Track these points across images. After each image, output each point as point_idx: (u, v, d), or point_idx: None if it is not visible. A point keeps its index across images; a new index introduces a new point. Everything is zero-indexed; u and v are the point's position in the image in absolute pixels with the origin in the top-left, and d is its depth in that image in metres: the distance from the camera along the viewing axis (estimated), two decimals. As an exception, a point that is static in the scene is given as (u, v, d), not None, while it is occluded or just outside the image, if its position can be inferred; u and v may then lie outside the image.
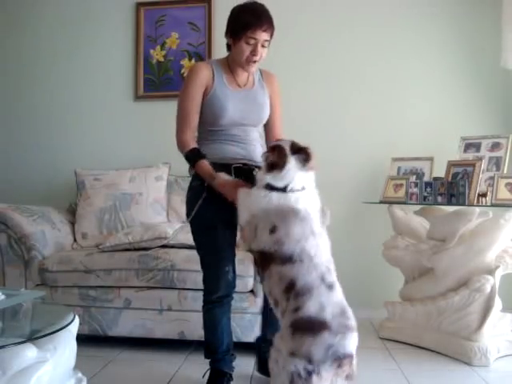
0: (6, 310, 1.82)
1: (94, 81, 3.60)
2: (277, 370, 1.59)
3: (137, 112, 3.55)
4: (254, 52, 1.92)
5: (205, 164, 1.95)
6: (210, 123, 2.02)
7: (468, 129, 3.11)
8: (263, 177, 1.76)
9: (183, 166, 3.33)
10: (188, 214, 2.07)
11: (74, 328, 1.79)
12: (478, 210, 2.53)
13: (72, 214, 3.20)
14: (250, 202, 1.78)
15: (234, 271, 2.06)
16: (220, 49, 3.48)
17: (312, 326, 1.51)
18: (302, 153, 1.74)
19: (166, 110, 3.49)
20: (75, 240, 3.08)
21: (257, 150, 2.07)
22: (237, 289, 2.45)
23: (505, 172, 2.72)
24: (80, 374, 1.82)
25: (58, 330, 1.59)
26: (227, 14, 3.61)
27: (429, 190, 2.75)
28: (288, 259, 1.64)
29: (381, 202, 2.97)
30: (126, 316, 2.58)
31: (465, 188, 2.61)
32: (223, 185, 1.89)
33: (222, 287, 2.02)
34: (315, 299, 1.56)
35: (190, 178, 2.11)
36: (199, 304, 2.50)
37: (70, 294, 2.62)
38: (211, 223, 1.98)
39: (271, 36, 1.94)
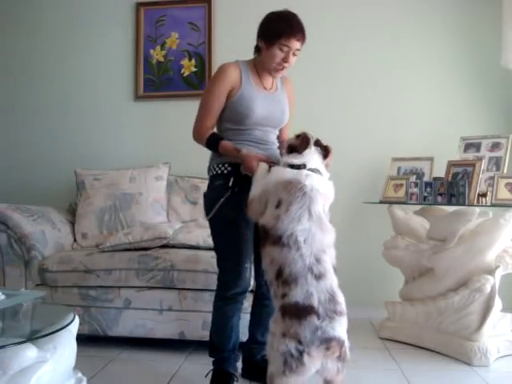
0: (6, 310, 1.82)
1: (94, 81, 3.60)
2: (273, 355, 1.63)
3: (137, 112, 3.56)
4: (285, 59, 1.99)
5: (227, 142, 2.01)
6: (234, 122, 2.05)
7: (468, 129, 3.11)
8: (283, 158, 1.88)
9: (183, 166, 3.39)
10: (208, 212, 2.07)
11: (74, 328, 1.79)
12: (477, 209, 2.53)
13: (72, 214, 3.20)
14: (265, 177, 1.85)
15: (251, 269, 2.11)
16: (220, 49, 3.51)
17: (299, 311, 1.59)
18: (323, 148, 1.90)
19: (166, 110, 3.52)
20: (75, 240, 3.08)
21: (275, 151, 2.12)
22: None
23: (505, 172, 2.72)
24: (80, 374, 1.82)
25: (57, 330, 1.59)
26: (227, 13, 3.63)
27: (429, 189, 2.75)
28: (277, 240, 1.70)
29: (381, 202, 2.98)
30: (126, 316, 2.58)
31: (465, 188, 2.61)
32: (247, 156, 1.92)
33: (240, 284, 2.04)
34: (302, 287, 1.62)
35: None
36: (199, 304, 2.51)
37: (70, 294, 2.62)
38: (233, 220, 2.00)
39: (302, 45, 2.01)
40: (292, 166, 1.81)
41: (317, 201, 1.74)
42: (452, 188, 2.66)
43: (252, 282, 2.19)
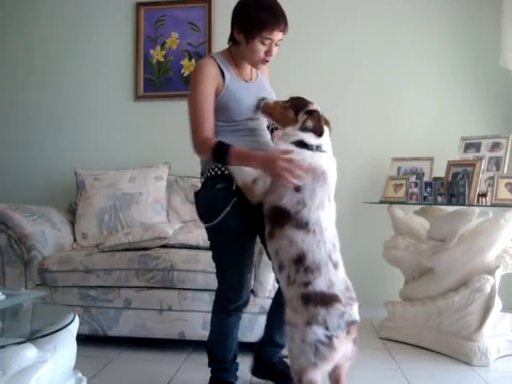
0: (6, 310, 1.82)
1: (94, 81, 3.60)
2: (296, 349, 1.61)
3: (137, 112, 3.55)
4: (268, 52, 1.83)
5: (239, 148, 1.76)
6: (226, 119, 1.89)
7: (468, 129, 3.11)
8: (295, 132, 1.75)
9: (183, 166, 3.38)
10: (209, 218, 1.88)
11: (74, 328, 1.79)
12: (477, 209, 2.53)
13: (72, 213, 3.20)
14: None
15: (251, 279, 2.03)
16: (220, 49, 3.46)
17: (325, 299, 1.59)
18: (328, 125, 1.82)
19: (166, 110, 3.52)
20: (75, 240, 3.08)
21: (267, 137, 1.99)
22: (237, 289, 2.47)
23: (505, 172, 2.72)
24: (80, 374, 1.82)
25: (58, 330, 1.59)
26: (227, 13, 3.60)
27: (429, 190, 2.75)
28: (304, 225, 1.65)
29: (381, 202, 2.97)
30: (126, 316, 2.58)
31: (465, 188, 2.61)
32: (274, 158, 1.67)
33: (242, 296, 1.95)
34: (325, 276, 1.62)
35: (192, 179, 2.04)
36: (199, 304, 2.51)
37: (70, 294, 2.62)
38: (238, 229, 1.86)
39: (285, 35, 1.85)
40: (305, 145, 1.72)
41: (331, 186, 1.73)
42: (452, 188, 2.65)
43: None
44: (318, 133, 1.75)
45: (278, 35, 1.79)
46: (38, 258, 2.68)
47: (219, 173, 1.87)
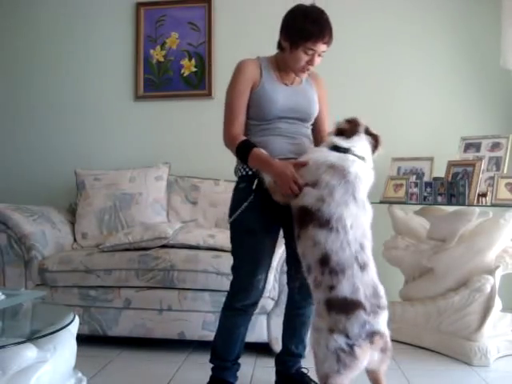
0: (6, 310, 1.82)
1: (94, 81, 3.60)
2: (321, 354, 1.60)
3: (137, 112, 3.55)
4: (310, 62, 1.87)
5: (260, 151, 1.84)
6: (258, 117, 1.93)
7: (468, 129, 3.11)
8: (329, 138, 1.83)
9: (183, 166, 3.38)
10: (230, 215, 1.97)
11: (74, 328, 1.79)
12: (477, 210, 2.53)
13: (72, 214, 3.20)
14: (308, 155, 1.81)
15: (265, 279, 1.98)
16: (220, 49, 3.51)
17: (347, 306, 1.57)
18: (373, 138, 1.87)
19: (166, 110, 3.52)
20: (75, 240, 3.08)
21: (305, 144, 1.98)
22: (237, 289, 2.47)
23: (505, 172, 2.72)
24: (80, 374, 1.82)
25: (58, 330, 1.59)
26: (227, 13, 3.62)
27: (429, 190, 2.74)
28: (325, 223, 1.64)
29: (381, 202, 2.97)
30: (126, 316, 2.58)
31: (465, 188, 2.61)
32: (282, 174, 1.76)
33: (250, 296, 1.93)
34: (349, 280, 1.59)
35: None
36: (199, 304, 2.51)
37: (70, 294, 2.62)
38: (251, 228, 1.88)
39: (329, 47, 1.89)
40: (337, 148, 1.76)
41: (359, 189, 1.72)
42: (452, 188, 2.65)
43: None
44: (347, 133, 1.81)
45: (321, 47, 1.85)
46: (37, 258, 2.68)
47: (244, 173, 1.94)
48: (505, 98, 3.23)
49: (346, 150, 1.77)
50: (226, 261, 2.53)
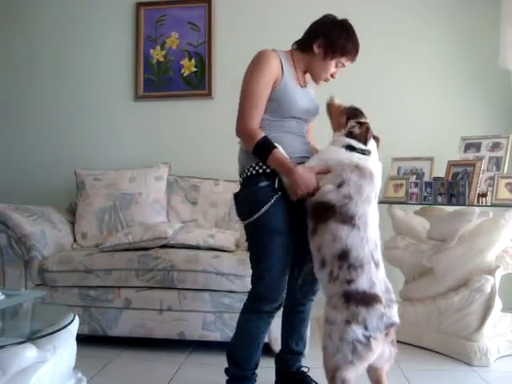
0: (6, 310, 1.82)
1: (94, 81, 3.60)
2: (332, 347, 1.62)
3: (137, 112, 3.56)
4: (334, 73, 1.96)
5: (281, 153, 1.80)
6: (275, 113, 1.87)
7: (468, 129, 3.11)
8: (342, 138, 1.84)
9: (183, 166, 3.38)
10: (248, 215, 1.83)
11: (73, 328, 1.79)
12: (478, 210, 2.53)
13: (72, 213, 3.20)
14: (326, 155, 1.82)
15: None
16: (220, 49, 3.51)
17: (367, 299, 1.61)
18: (376, 139, 1.93)
19: (166, 110, 3.52)
20: (75, 240, 3.08)
21: (305, 141, 1.98)
22: (236, 289, 2.47)
23: (505, 172, 2.72)
24: (80, 374, 1.82)
25: (58, 330, 1.59)
26: (227, 13, 3.61)
27: (429, 190, 2.75)
28: (349, 219, 1.68)
29: (381, 202, 2.97)
30: (126, 316, 2.58)
31: (465, 188, 2.61)
32: (304, 180, 1.76)
33: (279, 297, 1.85)
34: (367, 275, 1.65)
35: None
36: (199, 304, 2.51)
37: (70, 294, 2.62)
38: (278, 228, 1.82)
39: None
40: (354, 149, 1.80)
41: (378, 187, 1.81)
42: (452, 188, 2.66)
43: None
44: (363, 141, 1.83)
45: (348, 62, 1.96)
46: (37, 258, 2.67)
47: (261, 171, 1.84)
48: (505, 97, 3.23)
49: (364, 152, 1.82)
50: (226, 261, 2.53)
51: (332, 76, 1.96)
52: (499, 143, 2.82)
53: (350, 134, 1.84)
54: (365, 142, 1.83)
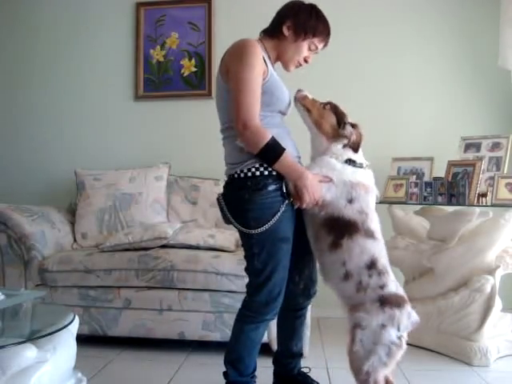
0: (6, 310, 1.82)
1: (94, 81, 3.60)
2: (365, 351, 1.67)
3: (137, 112, 3.56)
4: (307, 58, 1.87)
5: (290, 157, 1.71)
6: (266, 107, 1.73)
7: (468, 129, 3.11)
8: (342, 151, 1.81)
9: (183, 166, 3.38)
10: (260, 223, 1.70)
11: (73, 328, 1.79)
12: (478, 210, 2.53)
13: (72, 214, 3.20)
14: (329, 171, 1.78)
15: None
16: (220, 49, 3.50)
17: (398, 300, 1.69)
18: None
19: (166, 110, 3.52)
20: (75, 240, 3.08)
21: (291, 136, 1.87)
22: (236, 289, 2.47)
23: (505, 172, 2.72)
24: (80, 374, 1.82)
25: (57, 330, 1.59)
26: (227, 13, 3.61)
27: (429, 190, 2.75)
28: (371, 233, 1.75)
29: (381, 202, 2.96)
30: (126, 316, 2.58)
31: (465, 188, 2.61)
32: (315, 185, 1.70)
33: (279, 304, 1.81)
34: (391, 279, 1.74)
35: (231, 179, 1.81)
36: (199, 304, 2.51)
37: (70, 294, 2.62)
38: (286, 235, 1.75)
39: None
40: (354, 162, 1.81)
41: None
42: (452, 188, 2.66)
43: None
44: (356, 149, 1.83)
45: (320, 46, 1.87)
46: (37, 258, 2.67)
47: (266, 173, 1.70)
48: (504, 97, 3.23)
49: (361, 165, 1.83)
50: (226, 261, 2.53)
51: (306, 61, 1.87)
52: (499, 143, 2.82)
53: (348, 142, 1.81)
54: (356, 150, 1.83)
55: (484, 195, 2.62)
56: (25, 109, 3.67)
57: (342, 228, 1.73)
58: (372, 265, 1.71)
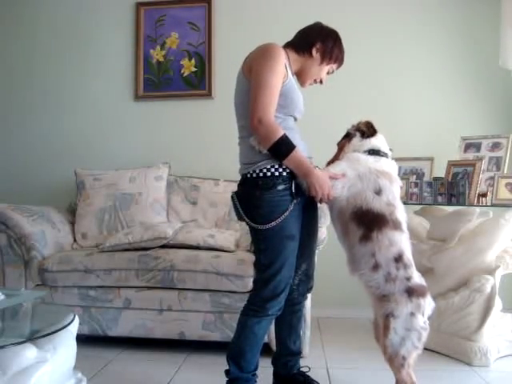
0: (6, 310, 1.82)
1: (94, 81, 3.60)
2: (399, 339, 1.79)
3: (137, 112, 3.56)
4: (322, 79, 2.00)
5: (301, 154, 1.79)
6: (282, 109, 1.82)
7: (468, 129, 3.11)
8: (360, 143, 1.95)
9: (183, 166, 3.39)
10: (267, 220, 1.78)
11: (73, 328, 1.79)
12: (478, 210, 2.53)
13: (72, 214, 3.20)
14: (354, 163, 1.88)
15: None
16: (220, 49, 3.51)
17: (422, 290, 1.82)
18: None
19: (166, 110, 3.53)
20: (75, 240, 3.08)
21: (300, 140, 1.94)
22: (236, 289, 2.47)
23: (505, 172, 2.72)
24: (80, 374, 1.82)
25: (57, 330, 1.59)
26: (227, 13, 3.61)
27: (429, 190, 2.75)
28: (399, 225, 1.83)
29: (381, 202, 2.97)
30: (126, 316, 2.58)
31: (465, 188, 2.61)
32: (325, 182, 1.78)
33: (283, 299, 1.86)
34: (415, 270, 1.84)
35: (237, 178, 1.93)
36: (199, 304, 2.51)
37: (70, 294, 2.62)
38: (293, 233, 1.82)
39: None
40: (377, 152, 1.92)
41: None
42: (452, 188, 2.66)
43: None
44: (371, 133, 1.98)
45: (334, 69, 2.03)
46: (37, 258, 2.67)
47: (277, 174, 1.80)
48: (505, 97, 3.23)
49: (385, 154, 1.94)
50: (226, 261, 2.53)
51: (321, 81, 2.01)
52: (499, 143, 2.82)
53: (360, 133, 1.97)
54: (373, 132, 1.97)
55: (484, 195, 2.62)
56: (25, 109, 3.67)
57: (371, 221, 1.81)
58: (399, 258, 1.80)
